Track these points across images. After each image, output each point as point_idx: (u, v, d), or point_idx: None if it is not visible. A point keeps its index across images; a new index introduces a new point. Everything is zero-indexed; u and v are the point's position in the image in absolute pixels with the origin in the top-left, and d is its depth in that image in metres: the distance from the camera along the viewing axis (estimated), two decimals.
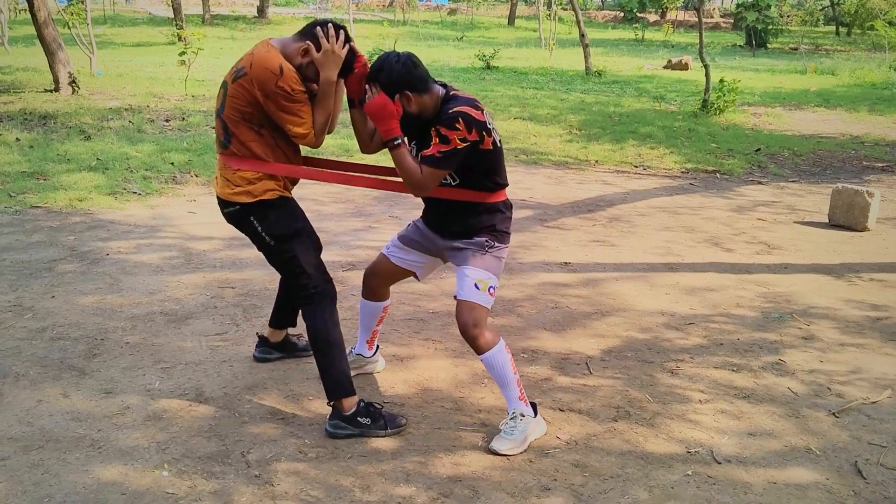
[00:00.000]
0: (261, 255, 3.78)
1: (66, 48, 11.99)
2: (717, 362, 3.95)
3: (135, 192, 6.84)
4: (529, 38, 28.03)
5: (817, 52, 26.31)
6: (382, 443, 3.14)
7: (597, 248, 5.81)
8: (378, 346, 3.78)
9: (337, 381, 3.15)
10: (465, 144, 2.94)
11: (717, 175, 8.62)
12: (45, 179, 7.04)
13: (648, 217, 6.74)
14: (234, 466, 2.95)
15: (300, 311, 3.31)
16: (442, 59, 19.62)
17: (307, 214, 3.29)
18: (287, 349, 3.85)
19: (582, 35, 17.62)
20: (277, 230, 3.12)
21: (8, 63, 15.29)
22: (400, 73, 2.95)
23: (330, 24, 2.98)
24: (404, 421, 3.24)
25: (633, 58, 22.09)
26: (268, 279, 4.84)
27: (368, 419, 3.17)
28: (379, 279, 3.49)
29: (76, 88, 11.72)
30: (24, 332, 4.02)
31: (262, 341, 3.82)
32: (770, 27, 27.48)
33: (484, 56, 17.94)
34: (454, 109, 2.93)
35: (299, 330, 3.78)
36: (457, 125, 2.90)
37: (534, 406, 3.23)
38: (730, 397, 3.60)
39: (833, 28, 36.11)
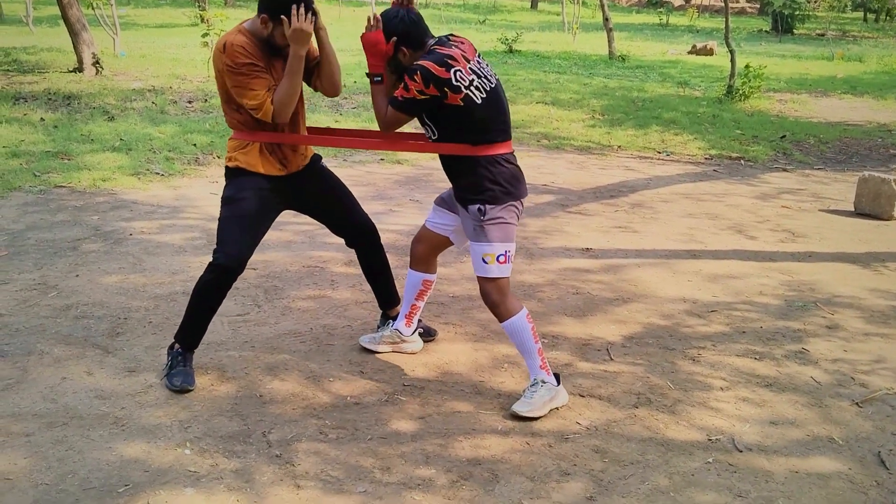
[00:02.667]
0: (282, 236, 3.83)
1: (89, 29, 12.04)
2: (740, 350, 3.93)
3: (158, 173, 6.88)
4: (552, 22, 27.83)
5: (844, 39, 25.93)
6: (403, 425, 3.15)
7: (619, 234, 5.78)
8: (418, 328, 3.80)
9: (185, 328, 3.43)
10: (423, 97, 3.03)
11: (742, 162, 8.53)
12: (69, 159, 7.09)
13: (671, 203, 6.69)
14: (255, 446, 2.97)
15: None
16: None
17: None
18: None
19: (606, 19, 17.46)
20: (224, 193, 3.40)
21: (32, 43, 15.39)
22: (398, 29, 3.10)
23: (302, 3, 3.05)
24: (178, 383, 3.32)
25: (657, 42, 21.88)
26: (289, 261, 4.86)
27: (170, 362, 3.41)
28: (421, 247, 3.57)
29: (100, 69, 11.77)
30: (48, 310, 4.06)
31: (382, 320, 3.90)
32: (797, 12, 27.07)
33: (506, 40, 17.83)
34: (417, 62, 3.04)
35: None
36: (415, 77, 3.01)
37: (557, 377, 3.30)
38: (752, 385, 3.58)
39: (861, 14, 35.57)
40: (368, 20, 3.13)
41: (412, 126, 3.94)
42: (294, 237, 5.28)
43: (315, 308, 4.21)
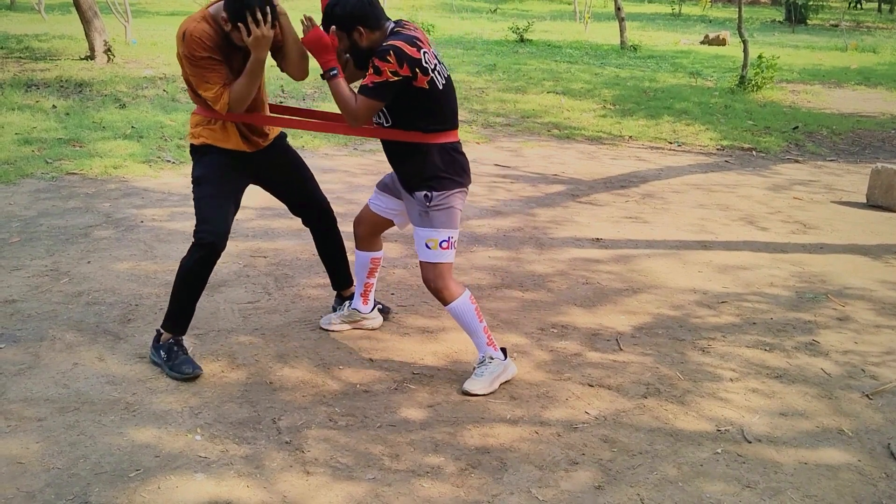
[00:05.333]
0: (293, 224, 3.85)
1: (101, 16, 12.05)
2: (750, 341, 3.92)
3: (169, 161, 6.90)
4: (564, 12, 27.71)
5: (858, 30, 25.73)
6: (412, 413, 3.16)
7: (629, 224, 5.76)
8: (377, 304, 3.91)
9: (174, 314, 3.40)
10: (396, 79, 3.00)
11: (754, 153, 8.49)
12: (80, 146, 7.12)
13: (682, 194, 6.66)
14: (265, 432, 2.99)
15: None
16: (475, 31, 19.48)
17: (339, 185, 3.32)
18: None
19: (618, 8, 17.38)
20: (194, 172, 3.41)
21: (44, 31, 15.43)
22: (353, 8, 3.06)
23: (256, 8, 3.00)
24: (190, 370, 3.32)
25: (669, 32, 21.76)
26: (299, 249, 4.87)
27: (168, 355, 3.38)
28: (363, 227, 3.65)
29: (111, 57, 11.79)
30: (60, 296, 4.09)
31: (337, 300, 3.97)
32: (810, 3, 26.90)
33: (518, 29, 17.76)
34: (388, 42, 3.01)
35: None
36: (388, 57, 2.97)
37: (504, 350, 3.40)
38: (762, 376, 3.57)
39: (875, 4, 35.28)
40: (302, 22, 3.10)
41: None
42: (304, 226, 5.28)
43: (325, 296, 4.22)
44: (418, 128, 3.15)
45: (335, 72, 3.10)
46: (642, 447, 3.00)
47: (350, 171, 6.89)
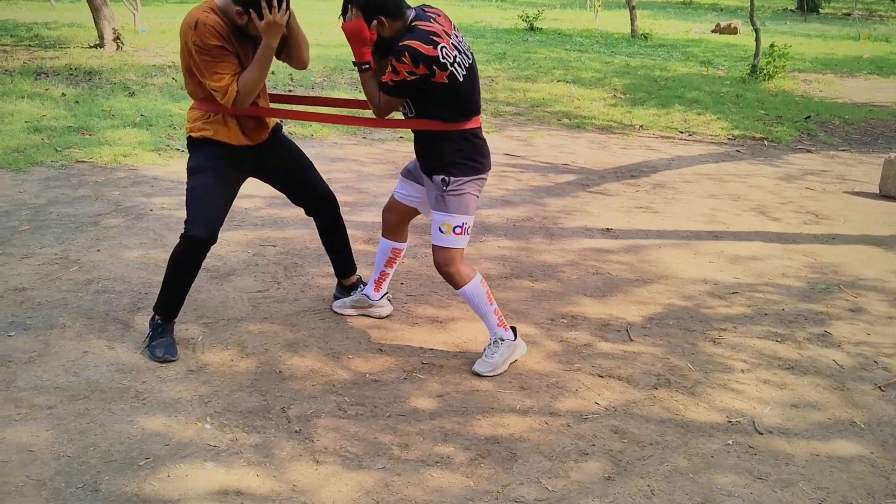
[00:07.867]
0: (302, 213, 3.86)
1: (110, 4, 12.05)
2: (761, 332, 3.89)
3: (178, 149, 6.89)
4: (574, 0, 27.56)
5: (871, 18, 25.52)
6: (422, 402, 3.15)
7: (640, 214, 5.73)
8: (388, 294, 3.90)
9: (163, 300, 3.45)
10: (413, 77, 3.03)
11: (765, 142, 8.43)
12: (90, 135, 7.12)
13: (693, 184, 6.62)
14: (274, 421, 2.98)
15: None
16: (484, 19, 19.39)
17: (348, 175, 3.31)
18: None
19: None
20: (190, 163, 3.38)
21: (54, 19, 15.44)
22: (376, 1, 3.05)
23: None
24: (161, 354, 3.36)
25: (680, 21, 21.62)
26: (308, 238, 4.86)
27: (151, 333, 3.45)
28: (391, 215, 3.66)
29: (120, 45, 11.80)
30: (70, 284, 4.09)
31: (338, 288, 3.98)
32: None
33: (527, 17, 17.69)
34: (403, 43, 3.02)
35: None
36: (403, 59, 3.00)
37: (514, 330, 3.44)
38: (773, 368, 3.55)
39: None
40: (345, 9, 3.09)
41: None
42: (307, 216, 5.27)
43: (334, 285, 4.21)
44: (440, 117, 3.17)
45: (367, 66, 3.14)
46: (653, 438, 2.98)
47: (359, 160, 6.87)
